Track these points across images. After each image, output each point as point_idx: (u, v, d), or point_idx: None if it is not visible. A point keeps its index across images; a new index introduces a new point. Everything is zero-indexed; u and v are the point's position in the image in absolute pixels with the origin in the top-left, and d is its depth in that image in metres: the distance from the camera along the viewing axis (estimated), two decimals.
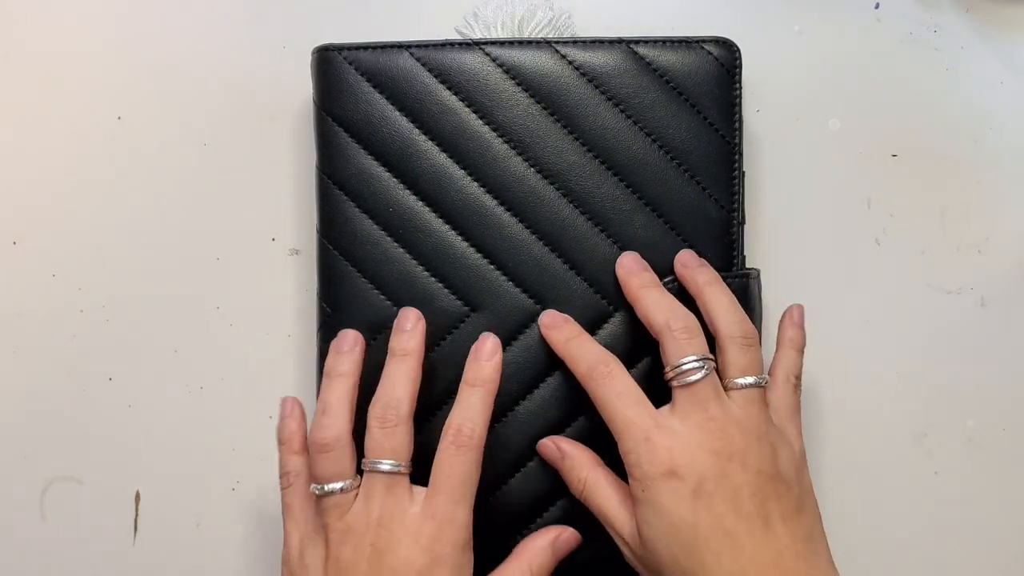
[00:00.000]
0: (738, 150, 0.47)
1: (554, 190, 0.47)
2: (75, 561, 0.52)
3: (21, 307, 0.53)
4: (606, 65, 0.47)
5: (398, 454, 0.43)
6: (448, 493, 0.43)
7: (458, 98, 0.48)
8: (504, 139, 0.48)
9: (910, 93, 0.51)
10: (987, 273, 0.51)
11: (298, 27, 0.52)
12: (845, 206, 0.51)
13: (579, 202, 0.47)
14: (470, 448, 0.43)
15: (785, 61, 0.51)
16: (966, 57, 0.51)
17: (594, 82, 0.47)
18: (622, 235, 0.47)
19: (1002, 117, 0.51)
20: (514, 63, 0.48)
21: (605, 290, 0.47)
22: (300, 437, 0.46)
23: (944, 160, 0.51)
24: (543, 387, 0.47)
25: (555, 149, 0.47)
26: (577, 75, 0.47)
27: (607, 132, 0.47)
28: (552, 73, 0.47)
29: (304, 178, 0.51)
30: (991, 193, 0.51)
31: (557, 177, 0.47)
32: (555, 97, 0.47)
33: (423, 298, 0.47)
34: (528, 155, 0.47)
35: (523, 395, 0.47)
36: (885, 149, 0.51)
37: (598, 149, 0.47)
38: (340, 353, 0.46)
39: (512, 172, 0.47)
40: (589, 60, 0.48)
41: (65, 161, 0.53)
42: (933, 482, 0.51)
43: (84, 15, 0.53)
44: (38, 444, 0.52)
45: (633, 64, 0.47)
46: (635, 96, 0.47)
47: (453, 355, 0.47)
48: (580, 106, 0.47)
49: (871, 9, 0.52)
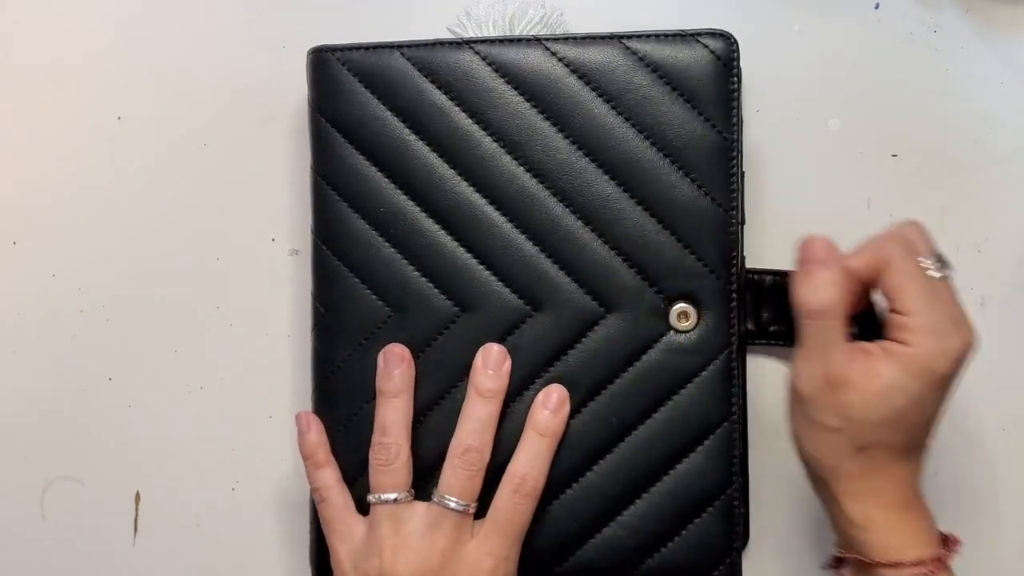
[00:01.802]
0: (737, 147, 0.47)
1: (544, 189, 0.47)
2: (75, 561, 0.52)
3: (21, 307, 0.53)
4: (597, 61, 0.47)
5: (469, 495, 0.45)
6: (506, 535, 0.45)
7: (448, 97, 0.48)
8: (494, 138, 0.47)
9: (910, 93, 0.51)
10: (987, 273, 0.51)
11: (297, 27, 0.52)
12: (845, 206, 0.51)
13: (569, 201, 0.47)
14: (531, 497, 0.45)
15: (785, 61, 0.51)
16: (966, 57, 0.51)
17: (585, 79, 0.47)
18: (613, 234, 0.47)
19: (1002, 117, 0.51)
20: (504, 62, 0.47)
21: (595, 291, 0.47)
22: (323, 449, 0.47)
23: (944, 160, 0.51)
24: (532, 389, 0.47)
25: (545, 147, 0.47)
26: (567, 72, 0.47)
27: (598, 130, 0.47)
28: (542, 71, 0.47)
29: (304, 178, 0.51)
30: (991, 193, 0.51)
31: (547, 176, 0.47)
32: (545, 95, 0.47)
33: (415, 298, 0.47)
34: (518, 154, 0.47)
35: (512, 398, 0.47)
36: (885, 149, 0.51)
37: (589, 147, 0.47)
38: (390, 375, 0.46)
39: (502, 171, 0.47)
40: (580, 57, 0.47)
41: (65, 161, 0.53)
42: (933, 482, 0.51)
43: (84, 15, 0.53)
44: (38, 444, 0.52)
45: (625, 59, 0.47)
46: (627, 92, 0.47)
47: (443, 355, 0.47)
48: (570, 104, 0.47)
49: (871, 9, 0.52)
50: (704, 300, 0.47)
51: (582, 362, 0.47)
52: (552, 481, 0.46)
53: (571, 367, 0.47)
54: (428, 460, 0.47)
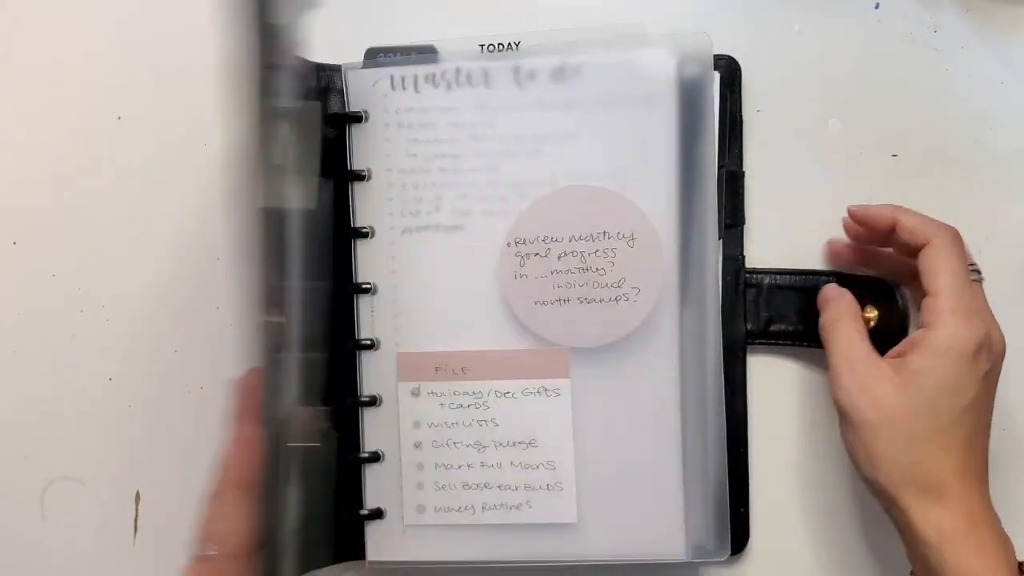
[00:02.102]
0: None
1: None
2: (75, 561, 0.52)
3: (21, 307, 0.53)
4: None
5: None
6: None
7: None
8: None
9: (910, 93, 0.51)
10: (987, 273, 0.51)
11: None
12: (845, 206, 0.51)
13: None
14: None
15: (785, 61, 0.51)
16: (966, 57, 0.51)
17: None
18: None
19: (1002, 117, 0.51)
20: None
21: None
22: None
23: (944, 160, 0.51)
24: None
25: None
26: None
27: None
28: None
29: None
30: (991, 193, 0.51)
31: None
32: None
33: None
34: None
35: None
36: (885, 149, 0.51)
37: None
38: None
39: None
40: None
41: (65, 161, 0.53)
42: None
43: (84, 15, 0.53)
44: (38, 444, 0.52)
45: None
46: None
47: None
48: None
49: (871, 9, 0.52)
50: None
51: None
52: None
53: None
54: None
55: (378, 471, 0.48)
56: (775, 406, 0.50)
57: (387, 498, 0.48)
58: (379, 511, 0.48)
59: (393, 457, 0.48)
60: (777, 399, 0.50)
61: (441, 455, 0.48)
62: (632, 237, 0.46)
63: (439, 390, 0.48)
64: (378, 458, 0.48)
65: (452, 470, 0.48)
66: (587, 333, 0.47)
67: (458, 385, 0.48)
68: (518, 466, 0.47)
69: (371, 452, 0.48)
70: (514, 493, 0.48)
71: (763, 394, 0.50)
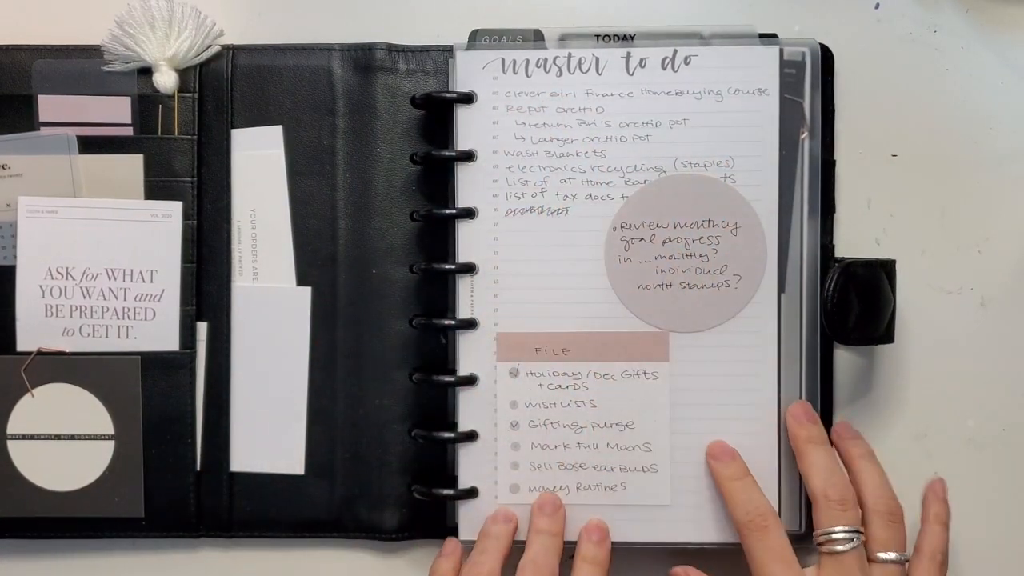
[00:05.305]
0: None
1: None
2: (75, 560, 0.52)
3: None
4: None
5: None
6: None
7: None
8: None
9: (910, 93, 0.51)
10: (987, 273, 0.51)
11: (298, 27, 0.52)
12: (845, 206, 0.51)
13: None
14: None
15: None
16: (966, 57, 0.51)
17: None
18: None
19: (1002, 117, 0.51)
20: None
21: None
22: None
23: (944, 160, 0.51)
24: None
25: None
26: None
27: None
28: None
29: None
30: (991, 193, 0.51)
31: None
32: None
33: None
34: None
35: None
36: (885, 149, 0.51)
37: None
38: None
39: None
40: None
41: None
42: None
43: (84, 15, 0.53)
44: None
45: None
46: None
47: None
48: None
49: (871, 9, 0.52)
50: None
51: None
52: None
53: None
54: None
55: (471, 450, 0.48)
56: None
57: (481, 477, 0.49)
58: (473, 490, 0.49)
59: (488, 436, 0.48)
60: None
61: (538, 435, 0.48)
62: (736, 225, 0.48)
63: (538, 370, 0.48)
64: (473, 437, 0.49)
65: (548, 450, 0.48)
66: (688, 318, 0.48)
67: (558, 366, 0.48)
68: (614, 447, 0.48)
69: (466, 431, 0.49)
70: (609, 474, 0.48)
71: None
